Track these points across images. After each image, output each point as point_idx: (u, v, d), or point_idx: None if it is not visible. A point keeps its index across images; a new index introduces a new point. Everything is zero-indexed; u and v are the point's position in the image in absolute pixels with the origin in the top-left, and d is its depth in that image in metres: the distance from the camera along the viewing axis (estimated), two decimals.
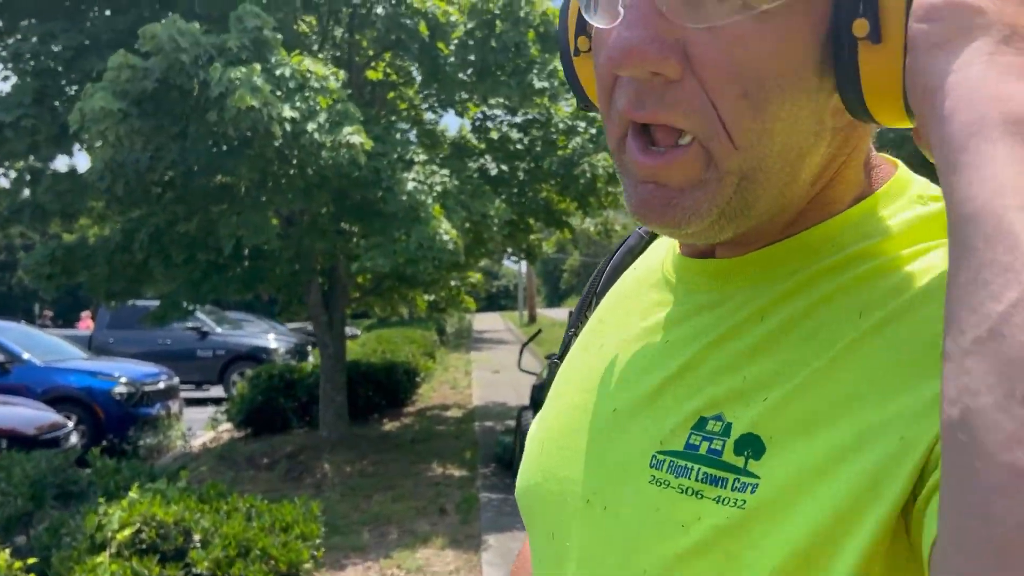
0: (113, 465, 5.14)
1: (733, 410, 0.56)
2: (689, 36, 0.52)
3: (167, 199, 7.08)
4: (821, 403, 0.52)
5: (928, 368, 0.49)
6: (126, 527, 3.98)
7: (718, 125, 0.53)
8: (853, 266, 0.57)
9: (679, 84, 0.53)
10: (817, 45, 0.52)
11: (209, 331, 14.17)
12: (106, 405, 9.13)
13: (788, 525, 0.51)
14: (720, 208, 0.56)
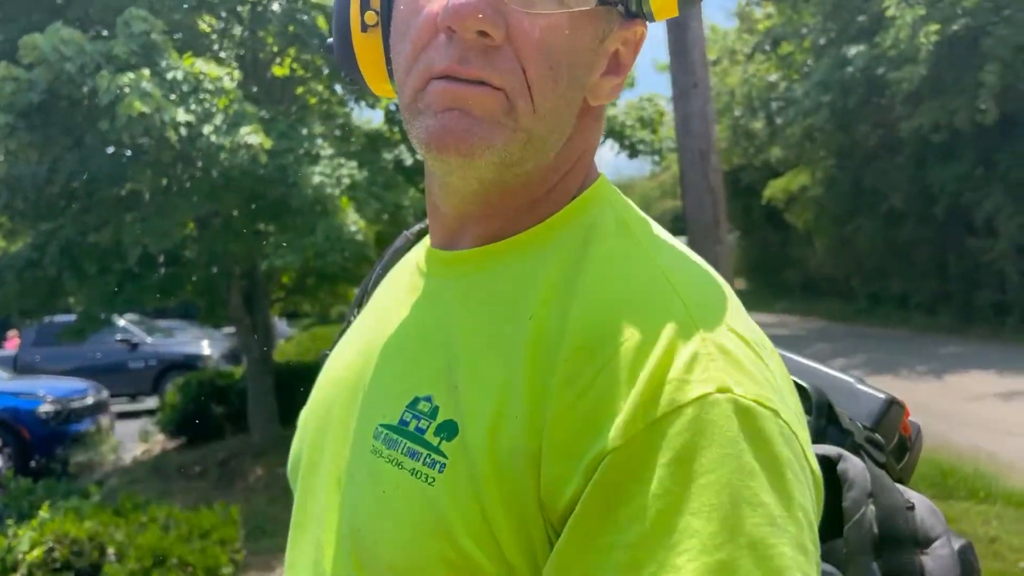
0: (27, 485, 5.05)
1: (442, 395, 0.64)
2: (513, 14, 0.62)
3: (74, 210, 6.93)
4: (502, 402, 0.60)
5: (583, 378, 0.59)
6: (37, 547, 3.93)
7: (525, 88, 0.63)
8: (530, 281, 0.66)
9: (499, 50, 0.62)
10: (593, 49, 0.67)
11: (139, 341, 13.90)
12: (31, 425, 8.92)
13: (465, 501, 0.59)
14: (507, 153, 0.64)
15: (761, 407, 0.56)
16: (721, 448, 0.55)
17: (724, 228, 6.26)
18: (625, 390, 0.56)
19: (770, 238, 22.95)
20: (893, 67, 13.27)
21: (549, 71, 0.63)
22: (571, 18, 0.63)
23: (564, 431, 0.57)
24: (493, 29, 0.61)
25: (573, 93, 0.66)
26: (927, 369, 11.05)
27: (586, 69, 0.67)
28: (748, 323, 0.64)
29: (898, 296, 17.18)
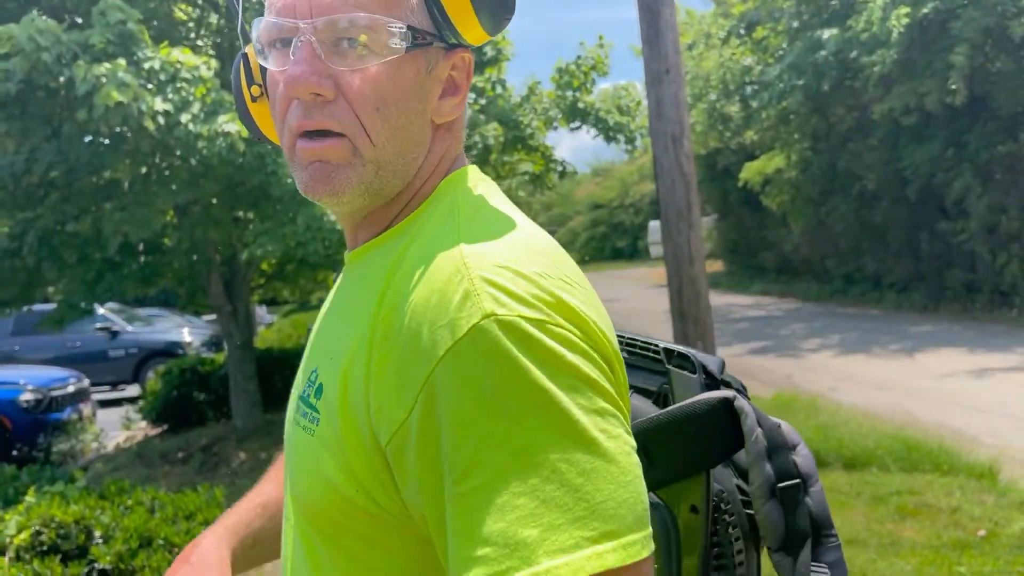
0: (12, 472, 5.11)
1: (322, 365, 0.81)
2: (339, 72, 0.78)
3: (53, 200, 6.93)
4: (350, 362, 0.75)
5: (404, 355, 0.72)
6: (24, 531, 4.00)
7: (361, 129, 0.78)
8: (382, 264, 0.80)
9: (334, 103, 0.78)
10: (421, 81, 0.81)
11: (120, 330, 13.88)
12: (13, 414, 8.93)
13: (331, 444, 0.76)
14: (365, 185, 0.80)
15: (525, 320, 0.68)
16: (497, 362, 0.66)
17: (697, 212, 6.38)
18: (420, 337, 0.69)
19: (747, 221, 23.15)
20: (865, 51, 13.44)
21: (376, 111, 0.78)
22: (389, 65, 0.78)
23: (381, 381, 0.71)
24: (322, 89, 0.77)
25: (408, 120, 0.80)
26: (899, 348, 11.28)
27: (416, 100, 0.81)
28: (540, 265, 0.73)
29: (872, 276, 17.44)
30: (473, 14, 0.79)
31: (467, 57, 0.85)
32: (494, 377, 0.66)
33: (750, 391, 4.48)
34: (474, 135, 7.85)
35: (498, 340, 0.67)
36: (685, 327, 6.25)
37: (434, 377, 0.68)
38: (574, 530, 0.63)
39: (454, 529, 0.66)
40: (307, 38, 0.77)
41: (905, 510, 4.88)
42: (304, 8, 0.77)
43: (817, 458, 5.94)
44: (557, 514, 0.64)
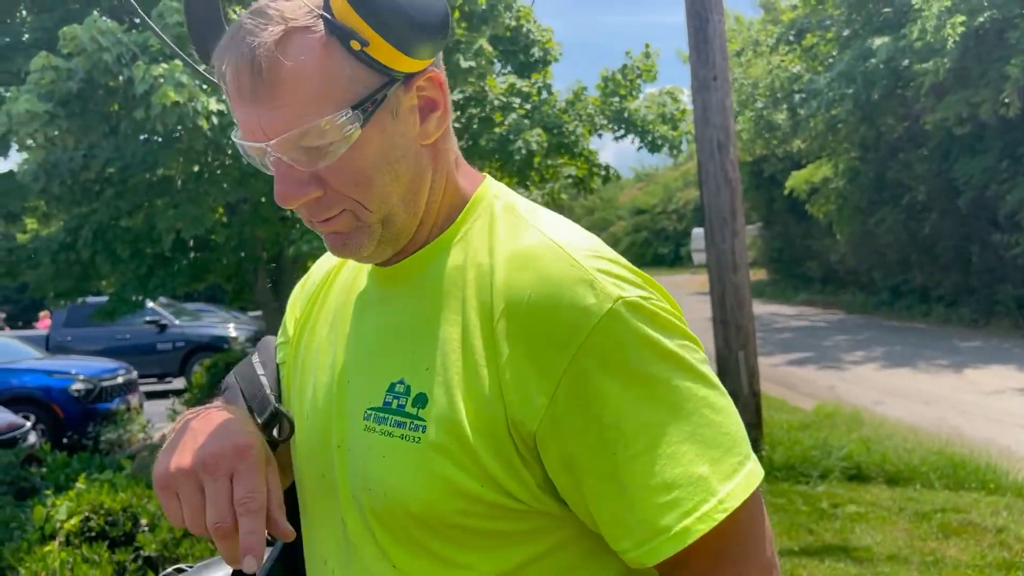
0: (64, 459, 5.26)
1: (411, 376, 0.85)
2: (317, 173, 0.83)
3: (108, 195, 7.12)
4: (457, 371, 0.81)
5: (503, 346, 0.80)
6: (74, 516, 4.12)
7: (356, 203, 0.85)
8: (458, 274, 0.86)
9: (325, 195, 0.85)
10: (391, 130, 0.84)
11: (168, 324, 14.17)
12: (64, 403, 9.18)
13: (447, 446, 0.80)
14: (377, 239, 0.87)
15: (642, 300, 0.80)
16: (636, 338, 0.78)
17: (741, 219, 6.34)
18: (553, 327, 0.78)
19: (792, 229, 22.88)
20: (918, 59, 13.21)
21: (358, 186, 0.84)
22: (354, 147, 0.82)
23: (517, 376, 0.78)
24: (310, 194, 0.84)
25: (395, 171, 0.85)
26: (947, 363, 11.06)
27: (394, 148, 0.85)
28: (611, 251, 0.86)
29: (919, 289, 17.11)
30: (403, 55, 0.80)
31: (431, 74, 0.86)
32: (635, 351, 0.78)
33: (790, 402, 4.52)
34: (518, 140, 7.89)
35: (630, 319, 0.78)
36: (727, 334, 6.21)
37: (577, 361, 0.77)
38: (730, 458, 0.79)
39: (634, 487, 0.77)
40: (275, 156, 0.82)
41: (949, 528, 4.79)
42: (259, 132, 0.81)
43: (859, 472, 5.87)
44: (715, 450, 0.78)
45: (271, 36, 0.79)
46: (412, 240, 0.90)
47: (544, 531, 0.83)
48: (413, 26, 0.79)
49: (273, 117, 0.80)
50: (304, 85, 0.79)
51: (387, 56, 0.80)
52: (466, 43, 6.87)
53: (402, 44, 0.80)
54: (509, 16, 7.97)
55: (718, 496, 0.77)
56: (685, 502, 0.76)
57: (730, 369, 6.20)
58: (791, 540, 4.75)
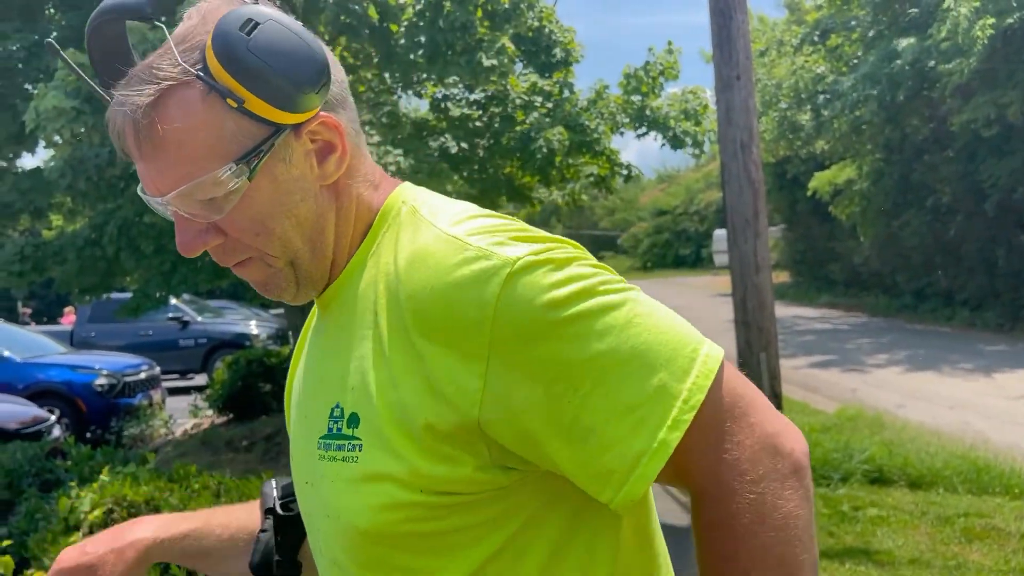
0: (88, 452, 5.31)
1: (344, 398, 0.85)
2: (215, 223, 0.85)
3: (132, 192, 7.19)
4: (376, 384, 0.82)
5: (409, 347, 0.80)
6: (97, 508, 4.17)
7: (258, 251, 0.87)
8: (370, 288, 0.87)
9: (227, 242, 0.87)
10: (285, 177, 0.85)
11: (190, 320, 14.30)
12: (88, 397, 9.29)
13: (383, 457, 0.81)
14: (292, 279, 0.89)
15: (534, 254, 0.78)
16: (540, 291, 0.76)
17: (764, 220, 6.30)
18: (460, 312, 0.77)
19: (814, 231, 22.71)
20: (944, 60, 13.07)
21: (257, 236, 0.86)
22: (245, 197, 0.84)
23: (442, 369, 0.78)
24: (209, 242, 0.86)
25: (295, 215, 0.87)
26: (971, 367, 10.94)
27: (290, 194, 0.86)
28: (499, 217, 0.85)
29: (944, 292, 16.93)
30: (279, 110, 0.81)
31: (322, 118, 0.86)
32: (545, 305, 0.76)
33: (812, 404, 4.52)
34: (539, 139, 7.87)
35: (528, 276, 0.77)
36: (748, 336, 6.17)
37: (495, 336, 0.76)
38: (679, 355, 0.77)
39: (598, 426, 0.75)
40: (171, 209, 0.85)
41: (972, 533, 4.74)
42: (153, 188, 0.85)
43: (881, 475, 5.82)
44: (660, 354, 0.77)
45: (146, 98, 0.81)
46: (335, 265, 0.92)
47: (499, 521, 0.82)
48: (287, 83, 0.80)
49: (161, 175, 0.83)
50: (186, 143, 0.81)
51: (266, 112, 0.81)
52: (488, 42, 6.87)
53: (278, 101, 0.81)
54: (532, 16, 7.96)
55: (681, 397, 0.75)
56: (651, 417, 0.75)
57: (751, 370, 6.16)
58: None
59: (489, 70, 6.88)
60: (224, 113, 0.81)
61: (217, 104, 0.81)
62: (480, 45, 6.87)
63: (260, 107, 0.81)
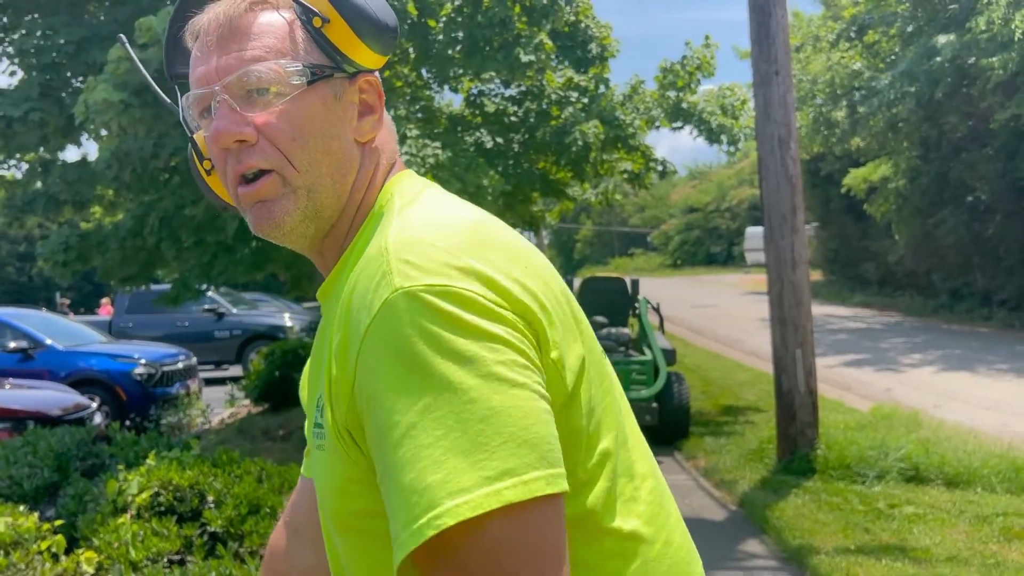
0: (132, 438, 5.43)
1: (323, 391, 0.87)
2: (254, 117, 0.88)
3: (174, 184, 7.34)
4: (328, 375, 0.84)
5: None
6: (144, 491, 4.27)
7: (285, 160, 0.88)
8: (345, 281, 0.86)
9: (257, 144, 0.88)
10: (331, 108, 0.90)
11: (225, 312, 14.50)
12: (127, 386, 9.46)
13: (336, 445, 0.84)
14: (301, 211, 0.90)
15: (425, 288, 0.75)
16: (409, 328, 0.74)
17: (801, 216, 6.28)
18: (353, 322, 0.78)
19: (848, 230, 22.48)
20: (984, 55, 12.88)
21: (292, 140, 0.88)
22: (294, 101, 0.88)
23: (339, 365, 0.80)
24: (243, 135, 0.88)
25: (328, 145, 0.89)
26: (1009, 367, 10.79)
27: (330, 125, 0.90)
28: (456, 239, 0.81)
29: (981, 293, 16.69)
30: (360, 42, 0.89)
31: (372, 80, 0.94)
32: (401, 344, 0.74)
33: (846, 402, 4.57)
34: (574, 132, 7.90)
35: (404, 310, 0.75)
36: (784, 333, 6.16)
37: (361, 352, 0.77)
38: (474, 472, 0.69)
39: (390, 482, 0.73)
40: (221, 97, 0.88)
41: (1011, 532, 4.70)
42: (212, 74, 0.89)
43: (917, 473, 5.79)
44: (459, 459, 0.70)
45: (243, 3, 0.90)
46: (332, 248, 0.94)
47: None
48: (369, 18, 0.89)
49: (230, 59, 0.88)
50: (265, 35, 0.89)
51: (342, 38, 0.88)
52: (526, 37, 6.92)
53: (358, 29, 0.88)
54: (569, 11, 7.98)
55: (436, 511, 0.69)
56: (407, 510, 0.70)
57: (787, 367, 6.15)
58: (847, 539, 4.71)
59: (526, 65, 6.92)
60: (304, 35, 0.89)
61: (299, 28, 0.90)
62: (518, 40, 6.91)
63: (340, 32, 0.88)
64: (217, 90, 0.88)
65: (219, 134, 0.88)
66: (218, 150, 0.90)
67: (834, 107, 17.11)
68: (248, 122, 0.88)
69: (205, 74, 0.89)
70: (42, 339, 9.62)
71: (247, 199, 0.90)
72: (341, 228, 0.93)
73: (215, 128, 0.88)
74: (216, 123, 0.88)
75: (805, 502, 5.36)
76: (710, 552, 5.28)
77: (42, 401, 7.39)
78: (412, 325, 0.74)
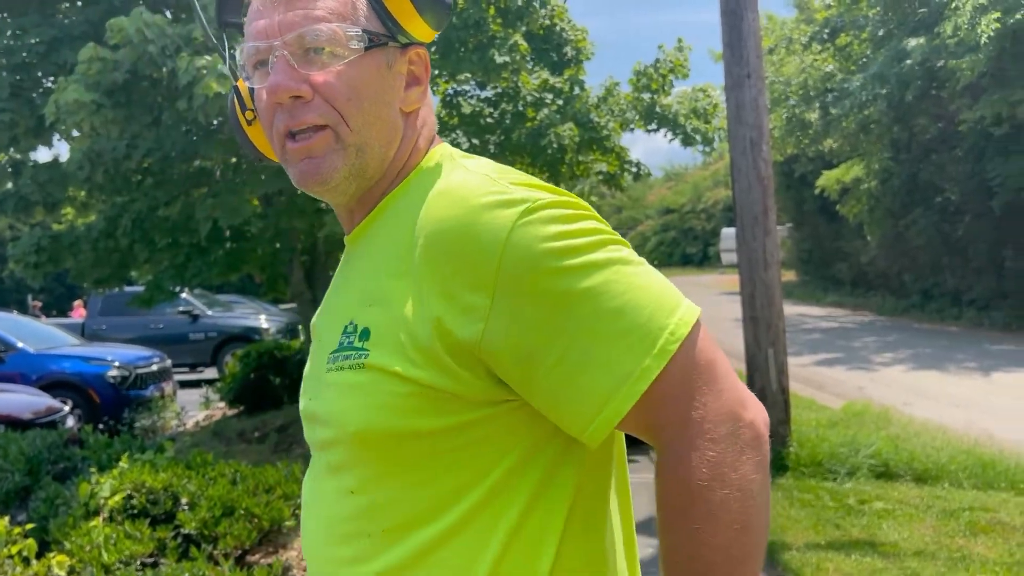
0: (105, 440, 5.40)
1: (359, 316, 0.92)
2: (312, 76, 0.92)
3: (147, 185, 7.28)
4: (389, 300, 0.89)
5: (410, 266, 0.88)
6: (117, 493, 4.25)
7: (339, 117, 0.92)
8: (392, 221, 0.95)
9: (312, 102, 0.92)
10: (384, 75, 0.94)
11: (200, 314, 14.39)
12: (100, 389, 9.37)
13: (390, 363, 0.87)
14: (348, 167, 0.94)
15: (549, 204, 0.85)
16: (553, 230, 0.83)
17: (773, 217, 6.35)
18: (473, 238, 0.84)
19: (821, 230, 22.72)
20: (953, 57, 13.09)
21: (348, 100, 0.92)
22: (351, 64, 0.91)
23: (443, 292, 0.85)
24: (300, 91, 0.91)
25: (379, 108, 0.94)
26: (977, 366, 10.97)
27: (382, 91, 0.94)
28: (528, 175, 0.92)
29: (951, 292, 16.94)
30: (416, 14, 0.93)
31: (421, 53, 0.98)
32: (554, 241, 0.83)
33: (819, 400, 4.65)
34: (549, 134, 7.94)
35: (544, 215, 0.84)
36: (757, 332, 6.23)
37: (504, 261, 0.82)
38: (672, 296, 0.84)
39: (593, 345, 0.82)
40: (280, 53, 0.91)
41: (977, 526, 4.79)
42: (274, 29, 0.92)
43: (887, 470, 5.88)
44: (651, 293, 0.84)
45: None
46: (365, 204, 0.99)
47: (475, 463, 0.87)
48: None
49: (294, 15, 0.91)
50: (327, 0, 0.92)
51: (400, 9, 0.92)
52: (501, 39, 6.94)
53: (415, 1, 0.92)
54: (544, 14, 8.02)
55: (668, 329, 0.82)
56: (639, 344, 0.81)
57: (759, 366, 6.22)
58: (818, 535, 4.78)
59: (501, 67, 6.95)
60: (364, 3, 0.93)
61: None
62: (493, 42, 6.94)
63: (398, 4, 0.92)
64: (277, 45, 0.91)
65: (277, 88, 0.91)
66: (271, 103, 0.93)
67: (807, 108, 17.30)
68: (305, 79, 0.91)
69: (266, 28, 0.92)
70: (13, 342, 9.51)
71: (297, 154, 0.93)
72: (378, 189, 0.97)
73: (273, 82, 0.91)
74: (274, 77, 0.91)
75: (777, 499, 5.42)
76: None
77: (13, 404, 7.31)
78: (556, 229, 0.83)
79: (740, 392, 0.85)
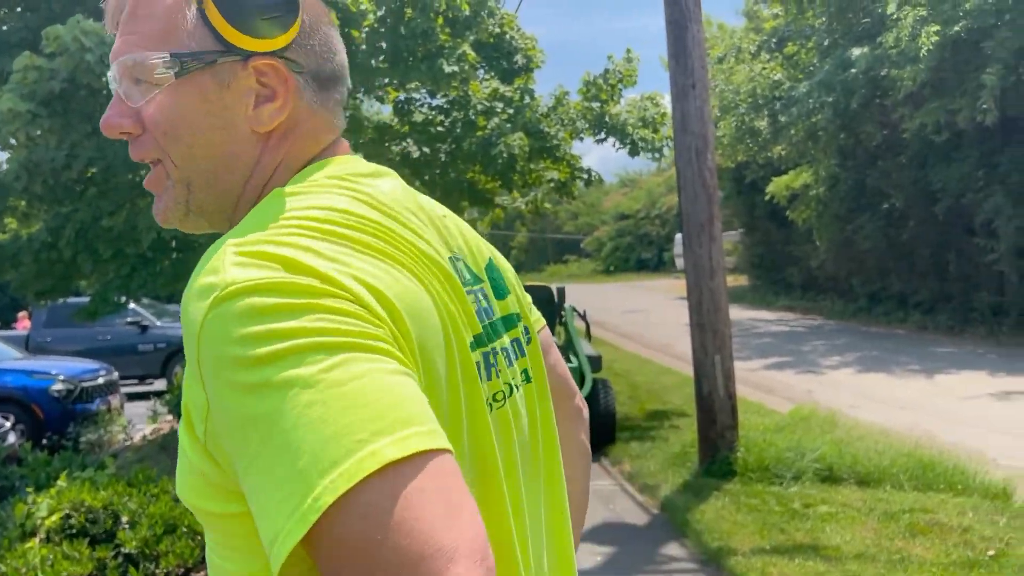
0: (45, 458, 5.28)
1: None
2: (140, 108, 0.86)
3: (90, 195, 7.14)
4: None
5: None
6: (55, 513, 4.15)
7: (165, 153, 0.86)
8: None
9: (143, 136, 0.87)
10: (213, 98, 0.85)
11: (149, 325, 14.14)
12: (44, 403, 9.16)
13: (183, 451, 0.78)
14: (181, 204, 0.88)
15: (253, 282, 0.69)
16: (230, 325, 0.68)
17: (718, 225, 6.45)
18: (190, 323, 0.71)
19: (772, 236, 23.08)
20: (895, 67, 13.42)
21: (165, 134, 0.85)
22: (168, 92, 0.84)
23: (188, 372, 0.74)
24: (125, 127, 0.87)
25: (208, 138, 0.85)
26: (921, 368, 11.23)
27: (212, 116, 0.85)
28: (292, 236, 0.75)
29: (897, 296, 17.32)
30: (231, 27, 0.83)
31: (274, 63, 0.86)
32: (232, 348, 0.68)
33: (768, 405, 4.74)
34: (500, 144, 7.97)
35: (234, 312, 0.68)
36: (704, 338, 6.31)
37: (201, 359, 0.70)
38: (331, 448, 0.64)
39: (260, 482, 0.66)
40: (115, 85, 0.87)
41: (916, 528, 4.90)
42: (111, 57, 0.87)
43: (831, 473, 5.99)
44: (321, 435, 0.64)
45: None
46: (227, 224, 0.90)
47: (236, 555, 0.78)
48: (248, 3, 0.84)
49: (119, 42, 0.86)
50: (145, 22, 0.85)
51: (219, 24, 0.83)
52: (450, 48, 6.95)
53: (231, 16, 0.83)
54: (493, 23, 8.05)
55: (313, 493, 0.62)
56: (288, 500, 0.63)
57: (707, 372, 6.30)
58: (763, 539, 4.85)
59: (450, 76, 6.96)
60: (191, 15, 0.84)
61: (191, 6, 0.84)
62: (441, 52, 6.94)
63: (216, 17, 0.83)
64: (110, 76, 0.87)
65: (106, 126, 0.87)
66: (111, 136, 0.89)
67: (756, 116, 17.59)
68: (129, 113, 0.86)
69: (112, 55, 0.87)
70: None
71: (149, 186, 0.89)
72: (237, 214, 0.87)
73: (103, 119, 0.87)
74: (105, 113, 0.87)
75: (725, 504, 5.49)
76: (632, 556, 5.38)
77: None
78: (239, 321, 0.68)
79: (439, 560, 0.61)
